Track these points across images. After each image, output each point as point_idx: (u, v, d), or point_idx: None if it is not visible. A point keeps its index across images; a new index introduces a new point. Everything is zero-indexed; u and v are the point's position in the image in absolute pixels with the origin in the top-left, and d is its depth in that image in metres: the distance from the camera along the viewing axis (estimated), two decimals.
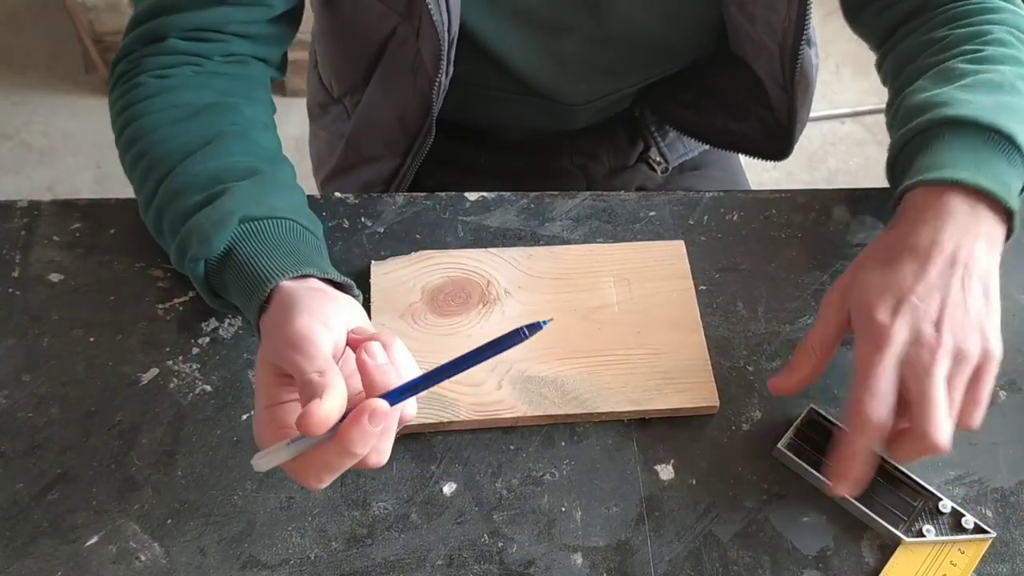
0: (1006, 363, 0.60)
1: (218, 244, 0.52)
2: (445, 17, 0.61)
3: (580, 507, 0.53)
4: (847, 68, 1.94)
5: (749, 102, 0.77)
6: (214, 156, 0.56)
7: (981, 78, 0.58)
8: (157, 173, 0.56)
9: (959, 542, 0.52)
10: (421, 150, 0.72)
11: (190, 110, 0.58)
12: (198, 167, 0.56)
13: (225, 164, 0.56)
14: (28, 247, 0.62)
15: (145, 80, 0.60)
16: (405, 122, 0.71)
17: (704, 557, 0.52)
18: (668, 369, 0.57)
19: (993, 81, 0.58)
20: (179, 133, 0.57)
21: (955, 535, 0.52)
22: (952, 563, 0.52)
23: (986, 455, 0.56)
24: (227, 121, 0.59)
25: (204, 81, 0.60)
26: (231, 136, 0.58)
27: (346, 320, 0.47)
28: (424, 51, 0.65)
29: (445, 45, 0.62)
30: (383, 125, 0.74)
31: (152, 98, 0.59)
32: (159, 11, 0.60)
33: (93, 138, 1.74)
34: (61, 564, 0.50)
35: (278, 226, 0.53)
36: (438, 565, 0.51)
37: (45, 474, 0.53)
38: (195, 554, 0.50)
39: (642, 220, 0.66)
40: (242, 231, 0.52)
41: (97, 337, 0.58)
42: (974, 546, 0.52)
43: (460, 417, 0.54)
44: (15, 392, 0.56)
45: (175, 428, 0.55)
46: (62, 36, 1.84)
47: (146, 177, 0.57)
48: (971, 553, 0.52)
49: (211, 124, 0.58)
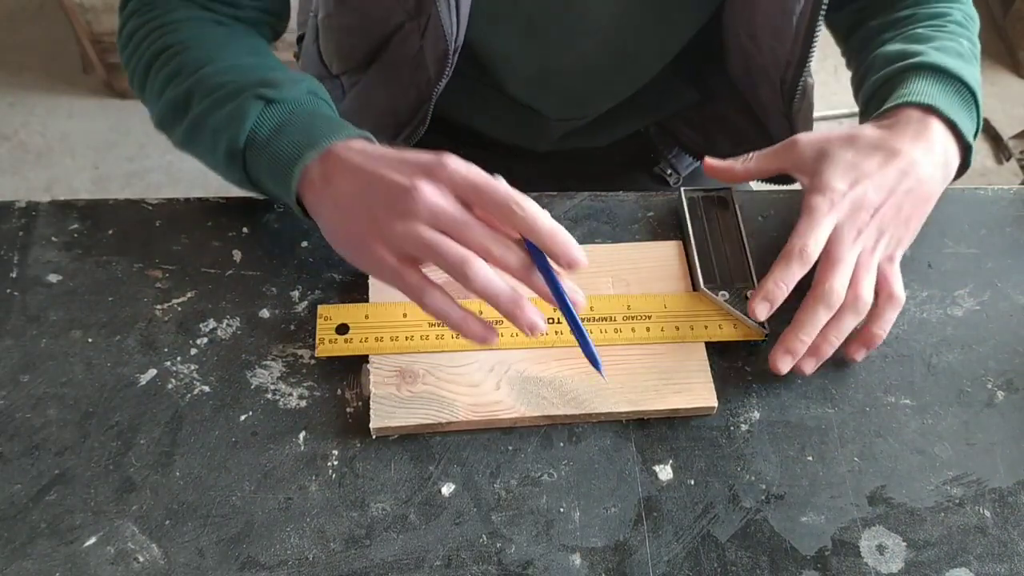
0: (1004, 363, 0.60)
1: (294, 90, 0.57)
2: (454, 23, 0.61)
3: (578, 508, 0.53)
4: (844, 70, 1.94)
5: (753, 129, 0.78)
6: (264, 58, 0.62)
7: (946, 44, 0.65)
8: (201, 66, 0.59)
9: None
10: (410, 140, 0.73)
11: (228, 31, 0.63)
12: (251, 59, 0.61)
13: (278, 65, 0.61)
14: (26, 248, 0.62)
15: (171, 7, 0.63)
16: (398, 113, 0.72)
17: (702, 557, 0.52)
18: (666, 369, 0.57)
19: (956, 49, 0.65)
20: (220, 38, 0.62)
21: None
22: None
23: (984, 455, 0.56)
24: (263, 45, 0.65)
25: (225, 24, 0.64)
26: (271, 54, 0.64)
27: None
28: (428, 51, 0.65)
29: (452, 50, 0.62)
30: (375, 112, 0.74)
31: (185, 22, 0.62)
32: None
33: (91, 139, 1.74)
34: (59, 565, 0.50)
35: (335, 112, 0.59)
36: (436, 566, 0.51)
37: (43, 475, 0.53)
38: (193, 555, 0.50)
39: (640, 220, 0.66)
40: (309, 97, 0.58)
41: (95, 338, 0.58)
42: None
43: (458, 417, 0.54)
44: (13, 393, 0.55)
45: (173, 429, 0.55)
46: (59, 37, 1.84)
47: (185, 75, 0.60)
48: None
49: (250, 39, 0.64)
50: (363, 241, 0.51)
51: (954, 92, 0.62)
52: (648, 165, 0.89)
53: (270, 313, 0.59)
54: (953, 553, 0.53)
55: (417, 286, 0.50)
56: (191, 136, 0.60)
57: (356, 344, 0.57)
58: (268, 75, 0.58)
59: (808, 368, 0.57)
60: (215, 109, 0.57)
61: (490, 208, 0.49)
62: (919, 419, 0.57)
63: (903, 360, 0.60)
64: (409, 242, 0.49)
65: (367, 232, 0.51)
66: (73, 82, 1.81)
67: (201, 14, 0.64)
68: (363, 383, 0.56)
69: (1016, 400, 0.59)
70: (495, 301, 0.49)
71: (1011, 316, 0.62)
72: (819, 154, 0.59)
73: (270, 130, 0.56)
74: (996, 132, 1.86)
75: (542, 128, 0.78)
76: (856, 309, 0.56)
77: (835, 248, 0.56)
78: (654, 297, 0.60)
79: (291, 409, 0.56)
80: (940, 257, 0.65)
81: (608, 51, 0.70)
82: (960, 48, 0.65)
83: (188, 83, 0.59)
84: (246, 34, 0.65)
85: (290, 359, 0.57)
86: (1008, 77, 1.97)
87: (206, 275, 0.61)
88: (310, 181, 0.54)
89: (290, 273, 0.61)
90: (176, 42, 0.61)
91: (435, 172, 0.50)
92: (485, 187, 0.49)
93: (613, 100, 0.77)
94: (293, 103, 0.57)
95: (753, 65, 0.71)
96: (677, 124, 0.85)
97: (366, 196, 0.51)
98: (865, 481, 0.55)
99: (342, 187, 0.52)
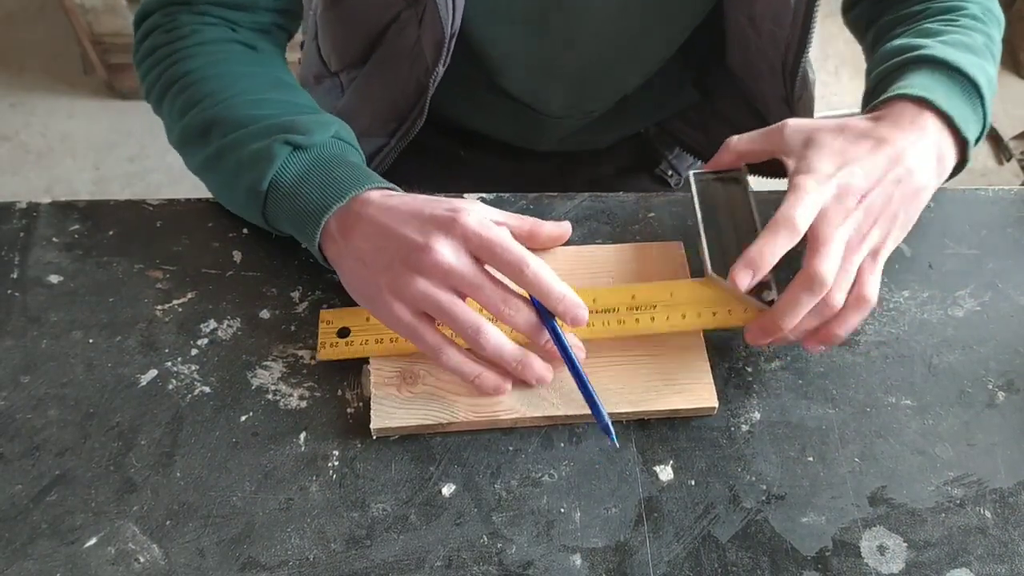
0: (1005, 364, 0.60)
1: (321, 135, 0.57)
2: (450, 7, 0.61)
3: (579, 508, 0.53)
4: (845, 69, 1.94)
5: (754, 125, 0.78)
6: (288, 92, 0.62)
7: (954, 37, 0.64)
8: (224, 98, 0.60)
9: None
10: (408, 134, 0.73)
11: (250, 57, 0.64)
12: (275, 95, 0.61)
13: (302, 100, 0.62)
14: (27, 248, 0.62)
15: (191, 31, 0.63)
16: (397, 106, 0.72)
17: (703, 558, 0.52)
18: (667, 370, 0.57)
19: (964, 42, 0.64)
20: (244, 67, 0.63)
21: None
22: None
23: (985, 456, 0.56)
24: (285, 72, 0.66)
25: (244, 42, 0.65)
26: (295, 84, 0.65)
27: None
28: (425, 40, 0.65)
29: (447, 36, 0.62)
30: (374, 104, 0.74)
31: (206, 46, 0.63)
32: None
33: (91, 139, 1.74)
34: (60, 566, 0.50)
35: (358, 155, 0.60)
36: (437, 566, 0.51)
37: (44, 476, 0.53)
38: (194, 555, 0.50)
39: (641, 221, 0.66)
40: (334, 142, 0.58)
41: (96, 338, 0.58)
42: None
43: (459, 418, 0.54)
44: (13, 394, 0.55)
45: (174, 429, 0.55)
46: (60, 37, 1.84)
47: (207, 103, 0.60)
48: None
49: (273, 68, 0.65)
50: (380, 296, 0.53)
51: (955, 85, 0.60)
52: (649, 167, 0.89)
53: (270, 314, 0.59)
54: (954, 554, 0.53)
55: (434, 345, 0.52)
56: (209, 166, 0.60)
57: (357, 347, 0.57)
58: (297, 118, 0.58)
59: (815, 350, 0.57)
60: (239, 147, 0.58)
61: (502, 268, 0.51)
62: (920, 420, 0.57)
63: (904, 361, 0.60)
64: (424, 302, 0.51)
65: (384, 288, 0.52)
66: (74, 83, 1.81)
67: (221, 33, 0.64)
68: (364, 384, 0.57)
69: (1017, 401, 0.59)
70: (504, 363, 0.53)
71: (1012, 317, 0.62)
72: (807, 140, 0.57)
73: (295, 177, 0.56)
74: (996, 132, 1.86)
75: (542, 127, 0.78)
76: (860, 308, 0.54)
77: (821, 228, 0.53)
78: (660, 286, 0.58)
79: (292, 410, 0.56)
80: (941, 257, 0.65)
81: (609, 46, 0.70)
82: (970, 41, 0.64)
83: (209, 113, 0.59)
84: (269, 61, 0.65)
85: (291, 360, 0.57)
86: (1008, 77, 1.97)
87: (207, 276, 0.61)
88: (330, 234, 0.55)
89: (290, 274, 0.61)
90: (194, 68, 0.62)
91: (450, 228, 0.51)
92: (497, 246, 0.51)
93: (614, 97, 0.77)
94: (319, 149, 0.57)
95: (753, 52, 0.71)
96: (678, 124, 0.85)
97: (383, 253, 0.53)
98: (866, 482, 0.55)
99: (360, 243, 0.54)
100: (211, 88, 0.60)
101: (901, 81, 0.61)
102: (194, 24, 0.64)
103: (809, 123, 0.58)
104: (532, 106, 0.76)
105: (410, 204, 0.53)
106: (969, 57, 0.62)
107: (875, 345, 0.60)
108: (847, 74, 1.93)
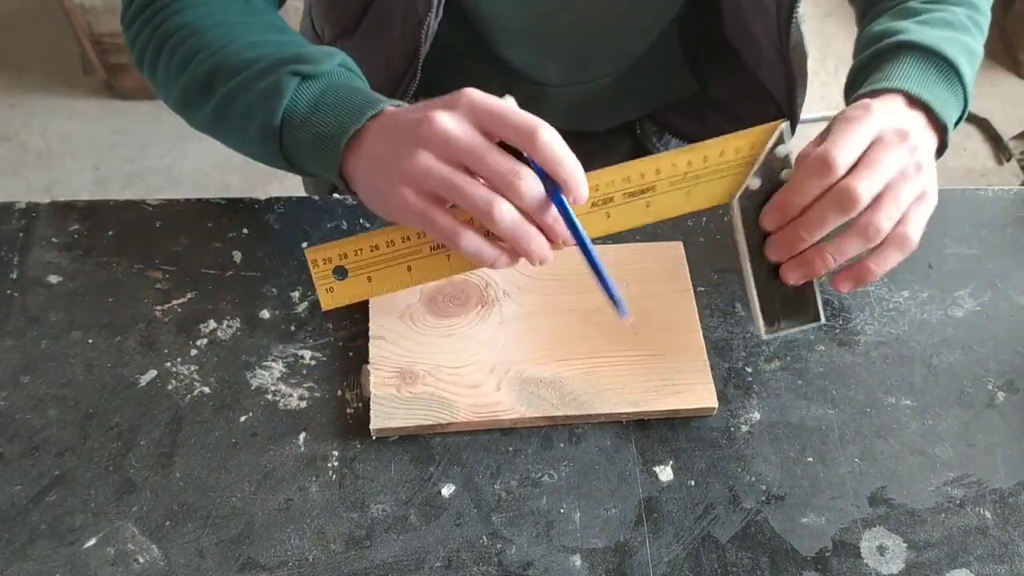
0: (1005, 364, 0.60)
1: (328, 64, 0.55)
2: None
3: (579, 508, 0.53)
4: (845, 69, 1.94)
5: (748, 103, 0.78)
6: (285, 35, 0.61)
7: (935, 15, 0.63)
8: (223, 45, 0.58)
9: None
10: (404, 96, 0.72)
11: (242, 6, 0.62)
12: (273, 37, 0.59)
13: (296, 37, 0.60)
14: (26, 249, 0.62)
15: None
16: (392, 66, 0.70)
17: (703, 558, 0.52)
18: (667, 370, 0.57)
19: (945, 19, 0.62)
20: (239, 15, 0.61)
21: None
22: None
23: (985, 456, 0.56)
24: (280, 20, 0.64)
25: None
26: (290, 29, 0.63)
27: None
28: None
29: None
30: (369, 70, 0.74)
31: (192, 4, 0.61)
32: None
33: (91, 140, 1.74)
34: (59, 566, 0.50)
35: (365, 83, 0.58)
36: (437, 567, 0.51)
37: (43, 476, 0.53)
38: (193, 556, 0.50)
39: None
40: (341, 70, 0.56)
41: (95, 339, 0.58)
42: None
43: (458, 419, 0.54)
44: (13, 394, 0.55)
45: (173, 430, 0.55)
46: (60, 37, 1.84)
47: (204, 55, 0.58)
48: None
49: (268, 15, 0.63)
50: (390, 186, 0.50)
51: (935, 73, 0.59)
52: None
53: (270, 314, 0.59)
54: (954, 554, 0.53)
55: (448, 228, 0.49)
56: (217, 117, 0.58)
57: (362, 283, 0.55)
58: (300, 50, 0.56)
59: (844, 287, 0.54)
60: (245, 88, 0.56)
61: (511, 135, 0.48)
62: (919, 420, 0.57)
63: (903, 361, 0.60)
64: (431, 178, 0.48)
65: (391, 175, 0.50)
66: (73, 83, 1.81)
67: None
68: (363, 384, 0.56)
69: (1016, 401, 0.59)
70: (516, 241, 0.49)
71: (1011, 317, 0.62)
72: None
73: (307, 107, 0.54)
74: (996, 133, 1.86)
75: (540, 99, 0.78)
76: (903, 247, 0.52)
77: (873, 151, 0.50)
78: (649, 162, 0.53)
79: (291, 410, 0.56)
80: (940, 258, 0.65)
81: (605, 11, 0.70)
82: (950, 17, 0.63)
83: (211, 63, 0.58)
84: (263, 10, 0.64)
85: (290, 360, 0.57)
86: (1008, 77, 1.97)
87: (206, 276, 0.61)
88: (350, 153, 0.53)
89: (290, 274, 0.61)
90: (192, 20, 0.60)
91: (452, 102, 0.49)
92: (507, 111, 0.48)
93: (611, 65, 0.77)
94: (329, 77, 0.55)
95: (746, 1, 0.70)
96: (673, 117, 0.84)
97: (390, 139, 0.50)
98: (866, 482, 0.55)
99: (373, 145, 0.52)
100: (207, 40, 0.59)
101: (876, 74, 0.60)
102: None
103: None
104: (530, 77, 0.76)
105: (421, 102, 0.52)
106: (947, 34, 0.60)
107: (875, 345, 0.60)
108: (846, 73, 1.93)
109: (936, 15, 0.63)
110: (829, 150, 0.50)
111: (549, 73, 0.75)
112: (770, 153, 0.53)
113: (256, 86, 0.55)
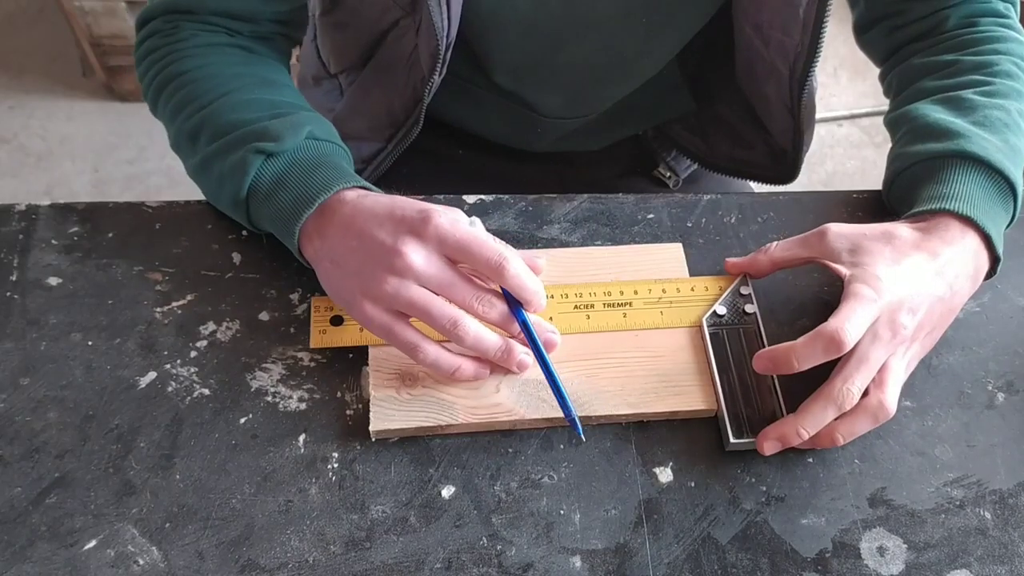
0: (1004, 365, 0.60)
1: (293, 140, 0.57)
2: (445, 21, 0.61)
3: (579, 510, 0.53)
4: (844, 71, 1.94)
5: (754, 131, 0.78)
6: (274, 91, 0.63)
7: (991, 115, 0.62)
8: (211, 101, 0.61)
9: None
10: (405, 140, 0.73)
11: (242, 58, 0.65)
12: (261, 94, 0.62)
13: (287, 98, 0.63)
14: (26, 251, 0.62)
15: (189, 35, 0.64)
16: (393, 111, 0.72)
17: (703, 560, 0.52)
18: (666, 372, 0.57)
19: (1001, 120, 0.62)
20: (234, 67, 0.63)
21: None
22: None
23: (985, 457, 0.56)
24: (277, 71, 0.67)
25: (242, 45, 0.66)
26: (284, 82, 0.66)
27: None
28: (422, 48, 0.65)
29: (443, 47, 0.63)
30: (371, 109, 0.75)
31: (201, 48, 0.64)
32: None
33: (91, 142, 1.74)
34: (59, 568, 0.50)
35: (336, 151, 0.60)
36: (436, 568, 0.51)
37: (43, 478, 0.53)
38: (193, 558, 0.50)
39: (640, 223, 0.66)
40: (308, 144, 0.58)
41: (95, 341, 0.58)
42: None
43: (458, 420, 0.54)
44: (12, 396, 0.55)
45: (173, 432, 0.55)
46: (59, 40, 1.84)
47: (195, 107, 0.61)
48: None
49: (264, 68, 0.65)
50: (355, 298, 0.54)
51: (995, 192, 0.59)
52: (647, 168, 0.89)
53: (270, 316, 0.59)
54: (954, 555, 0.53)
55: (410, 342, 0.53)
56: (199, 173, 0.62)
57: (351, 334, 0.57)
58: (269, 124, 0.58)
59: (773, 449, 0.54)
60: (220, 157, 0.59)
61: (480, 267, 0.52)
62: (919, 421, 0.57)
63: None
64: (398, 301, 0.52)
65: (358, 290, 0.53)
66: (73, 85, 1.81)
67: (219, 39, 0.65)
68: (363, 385, 0.56)
69: (1016, 402, 0.59)
70: (486, 354, 0.54)
71: (1011, 318, 0.62)
72: (855, 247, 0.56)
73: (270, 184, 0.57)
74: None
75: (537, 128, 0.78)
76: (876, 416, 0.53)
77: (866, 346, 0.52)
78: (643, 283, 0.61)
79: (291, 412, 0.56)
80: None
81: (608, 51, 0.70)
82: (1007, 118, 0.62)
83: (197, 118, 0.61)
84: (261, 62, 0.66)
85: (290, 362, 0.57)
86: None
87: (206, 278, 0.61)
88: (308, 235, 0.56)
89: (289, 276, 0.61)
90: (188, 69, 0.63)
91: (420, 231, 0.52)
92: (474, 243, 0.52)
93: (611, 100, 0.77)
94: (292, 153, 0.58)
95: (759, 60, 0.70)
96: (676, 129, 0.84)
97: (356, 255, 0.53)
98: (865, 483, 0.55)
99: (335, 244, 0.55)
100: (200, 90, 0.61)
101: (943, 186, 0.59)
102: (193, 29, 0.65)
103: (852, 230, 0.57)
104: (528, 108, 0.76)
105: (383, 204, 0.54)
106: (1005, 140, 0.60)
107: None
108: (846, 75, 1.93)
109: (993, 114, 0.62)
110: (843, 328, 0.51)
111: (551, 105, 0.76)
112: (735, 291, 0.61)
113: (228, 158, 0.58)
